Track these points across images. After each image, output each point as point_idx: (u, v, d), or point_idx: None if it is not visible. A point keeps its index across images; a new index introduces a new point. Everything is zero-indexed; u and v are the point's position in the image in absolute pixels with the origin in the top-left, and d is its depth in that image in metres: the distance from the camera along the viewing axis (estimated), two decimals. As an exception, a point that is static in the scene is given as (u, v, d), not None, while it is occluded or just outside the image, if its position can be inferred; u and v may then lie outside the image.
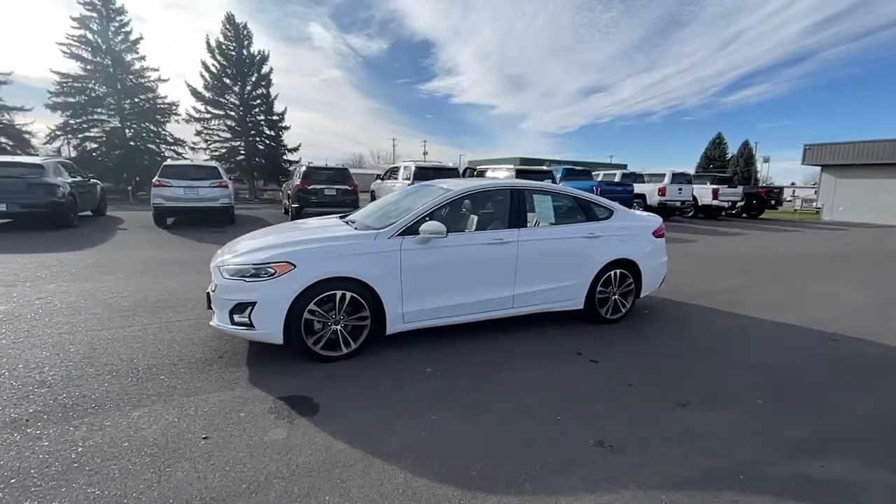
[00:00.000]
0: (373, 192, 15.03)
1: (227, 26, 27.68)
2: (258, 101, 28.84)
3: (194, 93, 27.28)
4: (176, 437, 2.45)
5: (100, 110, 25.68)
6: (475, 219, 4.29)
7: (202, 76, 27.40)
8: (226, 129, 28.30)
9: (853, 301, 6.09)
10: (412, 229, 3.61)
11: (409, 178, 11.61)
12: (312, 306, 3.29)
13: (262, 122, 29.21)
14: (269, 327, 3.23)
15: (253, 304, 3.21)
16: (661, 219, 5.04)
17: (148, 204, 11.44)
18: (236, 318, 3.27)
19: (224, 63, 27.63)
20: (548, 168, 14.21)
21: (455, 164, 14.95)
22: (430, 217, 3.68)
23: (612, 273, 4.46)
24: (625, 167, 37.06)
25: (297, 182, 11.63)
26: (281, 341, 3.28)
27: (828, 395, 3.30)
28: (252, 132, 28.72)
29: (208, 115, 27.83)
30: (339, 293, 3.35)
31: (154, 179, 10.12)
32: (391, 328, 3.60)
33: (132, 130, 26.32)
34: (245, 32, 27.98)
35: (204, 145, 28.03)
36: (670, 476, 2.28)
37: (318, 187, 11.44)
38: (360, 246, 3.49)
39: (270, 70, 28.86)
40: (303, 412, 2.74)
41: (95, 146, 25.83)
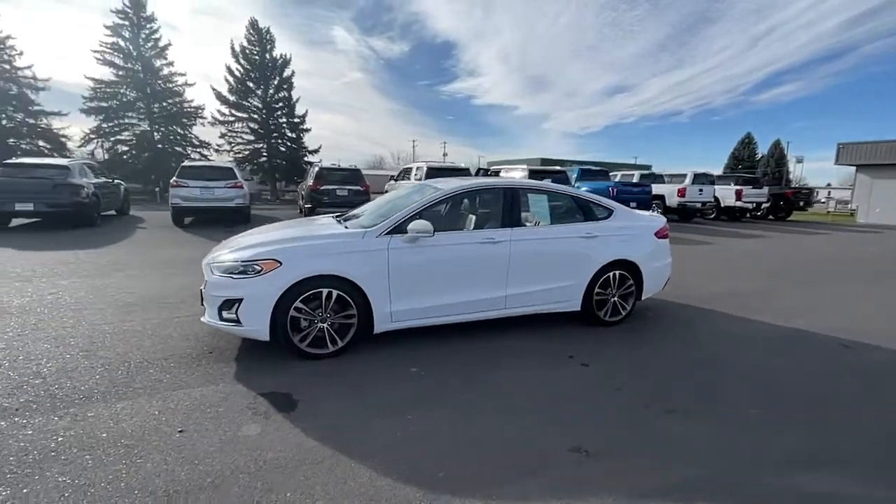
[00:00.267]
0: (387, 192, 15.13)
1: (251, 31, 28.36)
2: (280, 104, 29.43)
3: (219, 96, 28.04)
4: (153, 429, 2.49)
5: (130, 114, 26.70)
6: (468, 218, 4.25)
7: (226, 80, 28.14)
8: (249, 131, 28.99)
9: (874, 307, 5.78)
10: (400, 228, 3.60)
11: (420, 178, 11.63)
12: (299, 304, 3.32)
13: (283, 125, 29.80)
14: (255, 324, 3.27)
15: (240, 300, 3.26)
16: (664, 219, 4.88)
17: (172, 205, 11.78)
18: (225, 314, 3.32)
19: (248, 67, 28.31)
20: (561, 168, 14.00)
21: (467, 165, 14.90)
22: (418, 216, 3.67)
23: (610, 274, 4.35)
24: (649, 168, 36.27)
25: (310, 183, 11.81)
26: (267, 338, 3.31)
27: (830, 405, 3.13)
28: (274, 134, 29.33)
29: (232, 118, 28.56)
30: (326, 291, 3.37)
31: (172, 180, 10.46)
32: (379, 327, 3.60)
33: (160, 133, 27.26)
34: (268, 37, 28.60)
35: (228, 147, 28.77)
36: (643, 484, 2.19)
37: (330, 188, 11.60)
38: (347, 244, 3.50)
39: (292, 73, 29.43)
40: (280, 409, 2.76)
41: (126, 149, 26.87)
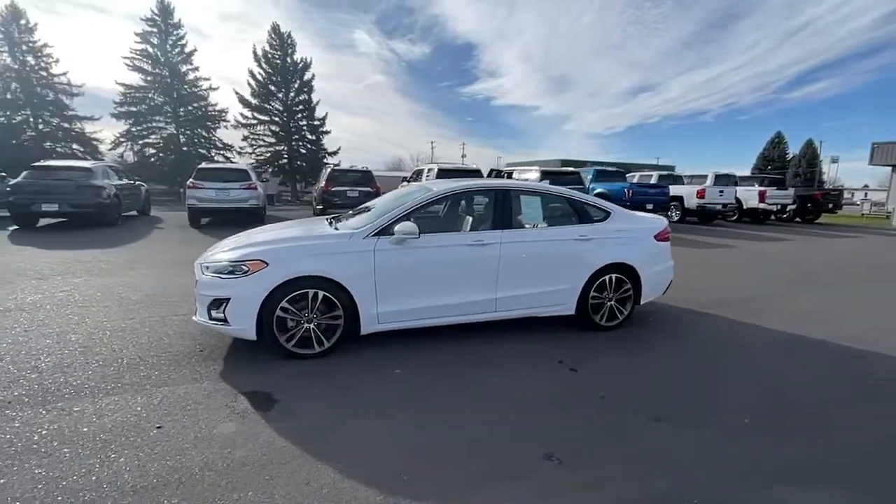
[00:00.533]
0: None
1: (273, 36, 29.00)
2: (301, 107, 30.01)
3: (242, 100, 28.77)
4: (133, 425, 2.55)
5: (158, 118, 27.66)
6: (461, 220, 4.22)
7: (249, 84, 28.86)
8: (270, 133, 29.66)
9: (898, 315, 5.48)
10: (387, 230, 3.60)
11: (431, 179, 11.65)
12: (285, 304, 3.35)
13: (304, 127, 30.37)
14: (242, 323, 3.33)
15: (227, 300, 3.31)
16: (665, 221, 4.74)
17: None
18: (213, 313, 3.39)
19: (269, 71, 28.96)
20: (573, 170, 13.80)
21: (487, 166, 14.87)
22: (406, 218, 3.66)
23: (607, 278, 4.25)
24: (672, 169, 35.46)
25: (322, 184, 11.98)
26: (254, 337, 3.36)
27: (832, 417, 2.98)
28: (294, 137, 29.91)
29: (254, 121, 29.26)
30: (312, 292, 3.39)
31: (188, 181, 10.77)
32: (366, 328, 3.60)
33: (185, 136, 28.12)
34: (289, 41, 29.20)
35: (250, 150, 29.48)
36: (614, 494, 2.13)
37: (341, 189, 11.75)
38: (334, 246, 3.52)
39: (312, 77, 29.99)
40: (259, 408, 2.79)
41: (153, 151, 27.81)
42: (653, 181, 15.40)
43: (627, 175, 15.78)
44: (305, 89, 29.94)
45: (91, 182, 9.72)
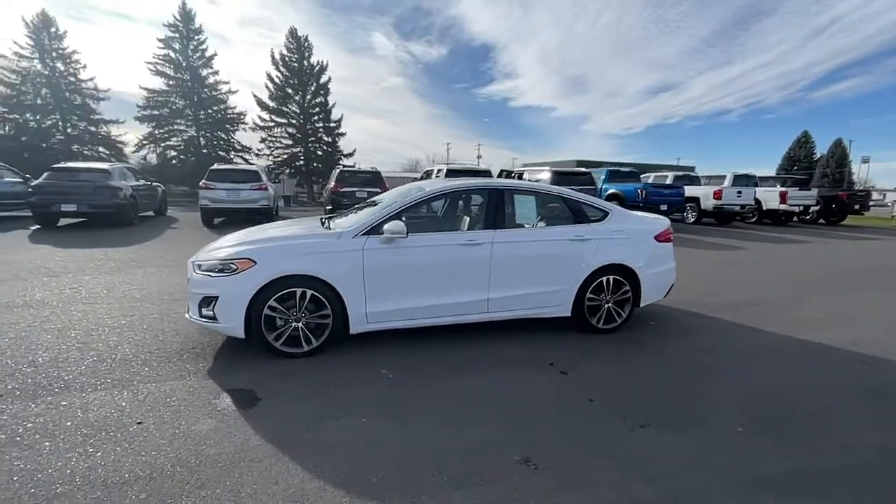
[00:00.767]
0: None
1: (290, 39, 29.44)
2: (317, 109, 30.39)
3: (260, 103, 29.31)
4: (115, 420, 2.59)
5: (179, 121, 28.37)
6: (455, 219, 4.18)
7: (267, 87, 29.37)
8: (287, 136, 30.11)
9: (919, 321, 5.21)
10: (376, 229, 3.58)
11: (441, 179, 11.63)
12: (273, 303, 3.36)
13: (320, 129, 30.74)
14: (230, 321, 3.35)
15: (216, 298, 3.34)
16: (667, 221, 4.61)
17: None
18: (204, 311, 3.42)
19: (287, 74, 29.41)
20: (585, 171, 13.58)
21: (502, 167, 14.77)
22: (396, 217, 3.64)
23: (604, 279, 4.15)
24: (692, 169, 34.67)
25: (331, 185, 12.08)
26: (242, 335, 3.38)
27: (831, 425, 2.84)
28: (311, 139, 30.30)
29: (272, 124, 29.76)
30: (300, 291, 3.40)
31: (201, 182, 11.00)
32: (355, 328, 3.59)
33: (205, 139, 28.77)
34: (306, 44, 29.62)
35: (268, 151, 29.99)
36: (587, 502, 2.05)
37: (350, 190, 11.82)
38: (322, 245, 3.52)
39: (329, 79, 30.36)
40: (240, 405, 2.80)
41: (175, 154, 28.54)
42: (668, 181, 15.06)
43: (642, 175, 15.47)
44: (322, 92, 30.32)
45: (108, 183, 10.01)
